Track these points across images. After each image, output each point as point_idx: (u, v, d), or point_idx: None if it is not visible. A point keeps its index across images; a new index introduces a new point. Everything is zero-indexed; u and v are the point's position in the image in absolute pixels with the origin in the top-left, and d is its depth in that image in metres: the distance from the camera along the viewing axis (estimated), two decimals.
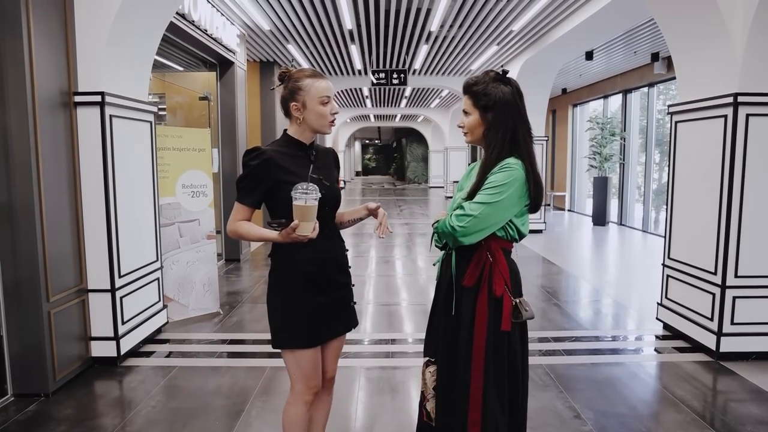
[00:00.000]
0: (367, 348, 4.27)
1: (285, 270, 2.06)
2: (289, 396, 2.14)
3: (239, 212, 2.02)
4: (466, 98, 1.96)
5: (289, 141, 2.07)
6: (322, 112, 2.01)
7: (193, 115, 7.48)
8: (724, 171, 3.86)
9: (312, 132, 2.07)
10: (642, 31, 8.16)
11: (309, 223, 1.85)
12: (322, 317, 2.09)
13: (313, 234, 1.87)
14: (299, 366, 2.08)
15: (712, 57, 3.94)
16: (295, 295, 2.04)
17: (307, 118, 2.02)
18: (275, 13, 7.25)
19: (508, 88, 1.90)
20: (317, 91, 1.99)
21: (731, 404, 3.32)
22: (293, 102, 2.02)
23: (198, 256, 5.01)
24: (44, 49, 3.31)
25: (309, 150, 2.08)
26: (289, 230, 1.83)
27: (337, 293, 2.14)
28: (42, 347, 3.33)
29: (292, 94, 2.02)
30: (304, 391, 2.11)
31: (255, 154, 1.97)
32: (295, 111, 2.03)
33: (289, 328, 2.05)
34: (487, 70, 1.95)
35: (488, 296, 1.88)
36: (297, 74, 2.03)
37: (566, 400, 3.31)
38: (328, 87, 2.03)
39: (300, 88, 2.00)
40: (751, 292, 3.89)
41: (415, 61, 10.82)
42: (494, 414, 1.87)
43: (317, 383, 2.14)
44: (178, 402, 3.32)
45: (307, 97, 2.00)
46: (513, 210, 1.86)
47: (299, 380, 2.10)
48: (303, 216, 1.83)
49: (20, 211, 3.22)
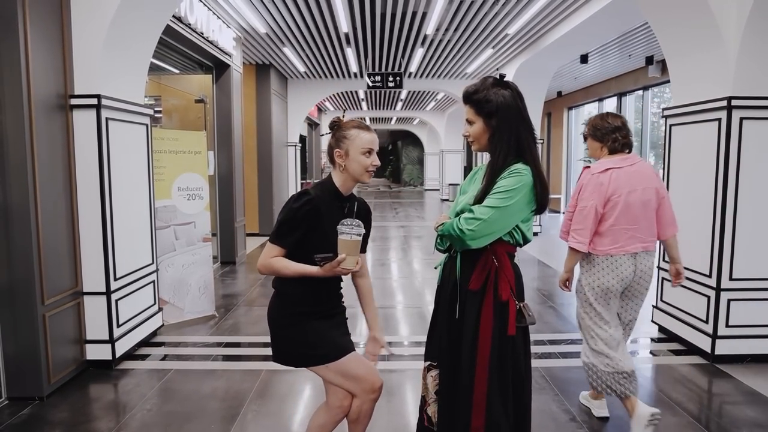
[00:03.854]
0: (362, 351, 4.26)
1: (288, 305, 2.15)
2: (355, 400, 2.18)
3: (273, 251, 2.09)
4: (468, 108, 1.96)
5: (331, 189, 2.14)
6: (364, 163, 2.09)
7: (189, 117, 7.47)
8: (719, 174, 3.88)
9: (353, 180, 2.14)
10: (636, 35, 8.20)
11: (353, 257, 1.95)
12: (335, 330, 2.18)
13: (357, 267, 1.98)
14: (345, 374, 2.13)
15: (706, 60, 3.97)
16: (308, 324, 2.11)
17: (348, 166, 2.10)
18: (271, 16, 7.25)
19: (508, 91, 1.91)
20: (361, 142, 2.08)
21: (726, 407, 3.34)
22: (338, 149, 2.10)
23: (193, 259, 5.00)
24: (40, 51, 3.30)
25: (345, 202, 2.16)
26: (333, 264, 1.93)
27: (335, 318, 2.22)
28: (37, 350, 3.32)
29: (338, 142, 2.10)
30: (369, 391, 2.16)
31: (305, 200, 2.03)
32: (338, 158, 2.10)
33: (314, 346, 2.11)
34: (485, 77, 1.96)
35: (494, 300, 1.88)
36: (345, 124, 2.13)
37: (562, 402, 3.32)
38: (373, 140, 2.11)
39: (346, 137, 2.09)
40: (746, 294, 3.91)
41: (410, 64, 10.85)
42: (497, 420, 1.86)
43: (378, 380, 2.19)
44: (173, 405, 3.31)
45: (351, 147, 2.08)
46: (521, 215, 1.87)
47: (355, 384, 2.15)
48: (349, 250, 1.93)
49: (15, 213, 3.20)
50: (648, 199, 2.80)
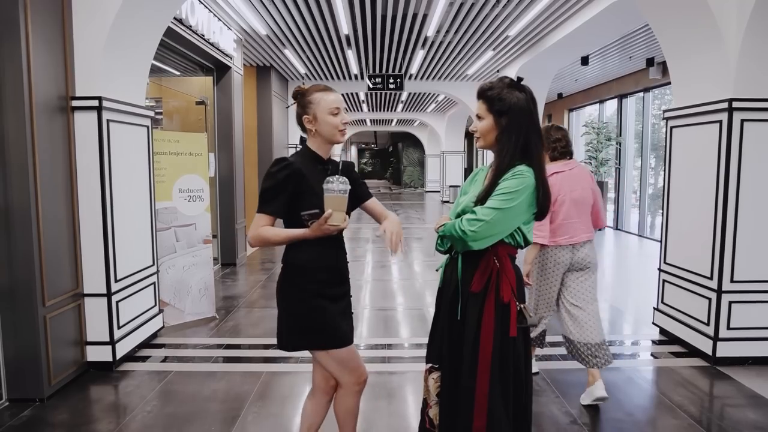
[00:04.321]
0: (363, 353, 4.26)
1: (298, 277, 2.12)
2: (340, 390, 2.26)
3: (262, 221, 2.07)
4: (480, 103, 1.97)
5: (309, 154, 2.16)
6: (333, 122, 2.11)
7: (190, 119, 7.48)
8: (720, 176, 3.87)
9: (327, 143, 2.16)
10: (637, 37, 8.21)
11: (340, 213, 1.95)
12: (340, 318, 2.17)
13: (345, 224, 1.98)
14: (340, 363, 2.17)
15: (706, 62, 3.96)
16: (314, 300, 2.10)
17: (319, 129, 2.12)
18: (272, 18, 7.27)
19: (523, 94, 1.92)
20: (327, 103, 2.10)
21: (728, 409, 3.33)
22: (305, 115, 2.13)
23: (194, 261, 5.00)
24: (42, 53, 3.30)
25: (326, 164, 2.17)
26: (321, 221, 1.93)
27: (342, 301, 2.20)
28: (37, 352, 3.32)
29: (305, 108, 2.13)
30: (355, 382, 2.22)
31: (283, 164, 2.05)
32: (308, 123, 2.14)
33: (318, 329, 2.12)
34: (502, 77, 1.98)
35: (495, 302, 1.88)
36: (308, 90, 2.16)
37: (562, 405, 3.31)
38: (337, 99, 2.13)
39: (311, 102, 2.12)
40: (747, 296, 3.90)
41: (411, 66, 10.86)
42: (500, 421, 1.86)
43: (365, 373, 2.26)
44: (173, 407, 3.30)
45: (317, 110, 2.10)
46: (523, 217, 1.87)
47: (345, 374, 2.20)
48: (334, 206, 1.93)
49: (17, 215, 3.20)
50: (586, 197, 3.29)
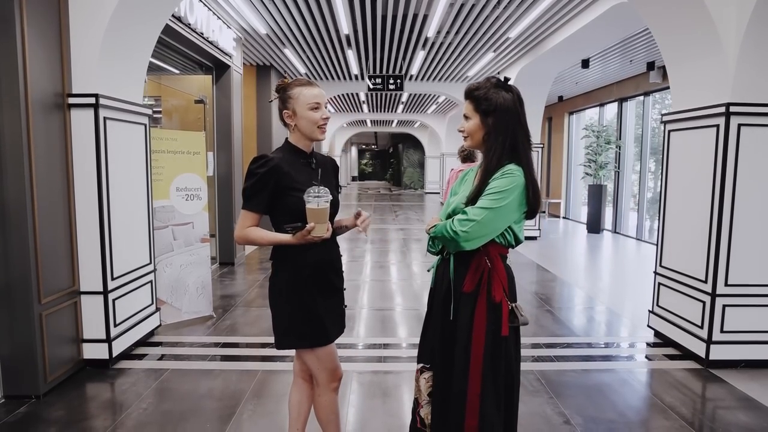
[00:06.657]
0: (360, 352, 4.28)
1: (288, 273, 2.11)
2: (317, 389, 2.25)
3: (247, 219, 2.07)
4: (467, 103, 1.98)
5: (290, 149, 2.13)
6: (312, 118, 2.07)
7: (189, 118, 7.48)
8: (716, 180, 3.89)
9: (308, 139, 2.13)
10: (638, 41, 8.22)
11: (323, 224, 1.95)
12: (328, 316, 2.16)
13: (327, 234, 1.98)
14: (321, 361, 2.19)
15: (705, 67, 3.98)
16: (303, 298, 2.10)
17: (298, 124, 2.09)
18: (272, 17, 7.28)
19: (510, 94, 1.92)
20: (305, 98, 2.06)
21: (720, 411, 3.34)
22: (286, 110, 2.09)
23: (191, 259, 5.01)
24: (38, 50, 3.31)
25: (309, 158, 2.15)
26: (304, 233, 1.93)
27: (334, 296, 2.21)
28: (33, 349, 3.33)
29: (285, 103, 2.09)
30: (331, 380, 2.23)
31: (263, 161, 2.03)
32: (287, 119, 2.10)
33: (304, 328, 2.12)
34: (489, 77, 1.98)
35: (487, 302, 1.89)
36: (289, 85, 2.10)
37: (556, 405, 3.32)
38: (318, 94, 2.08)
39: (290, 97, 2.07)
40: (741, 300, 3.92)
41: (411, 67, 10.87)
42: (491, 420, 1.88)
43: (340, 371, 2.28)
44: (169, 404, 3.31)
45: (297, 105, 2.06)
46: (513, 216, 1.88)
47: (323, 372, 2.21)
48: (317, 218, 1.93)
49: (12, 212, 3.21)
50: None
